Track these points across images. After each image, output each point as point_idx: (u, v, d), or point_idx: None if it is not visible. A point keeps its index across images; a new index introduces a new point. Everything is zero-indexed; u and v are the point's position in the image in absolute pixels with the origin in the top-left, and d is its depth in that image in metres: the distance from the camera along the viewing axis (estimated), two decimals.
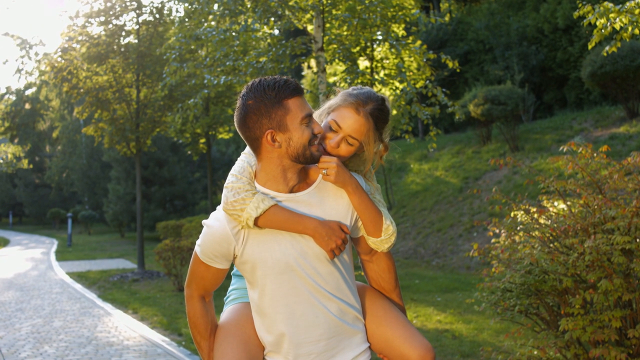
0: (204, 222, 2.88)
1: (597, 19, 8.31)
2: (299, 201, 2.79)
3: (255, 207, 2.68)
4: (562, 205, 5.22)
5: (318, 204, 2.81)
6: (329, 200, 2.82)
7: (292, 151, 2.70)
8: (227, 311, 3.10)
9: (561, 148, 5.25)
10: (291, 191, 2.80)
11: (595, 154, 4.96)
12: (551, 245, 4.93)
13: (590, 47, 8.56)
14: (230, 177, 2.83)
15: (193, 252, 2.93)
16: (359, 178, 2.89)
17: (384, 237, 2.86)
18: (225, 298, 3.22)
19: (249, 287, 2.92)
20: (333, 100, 3.05)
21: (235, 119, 2.78)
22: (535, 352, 5.00)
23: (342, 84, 13.87)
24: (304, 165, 2.80)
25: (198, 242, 2.88)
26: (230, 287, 3.20)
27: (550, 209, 5.24)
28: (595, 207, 4.61)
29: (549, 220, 5.05)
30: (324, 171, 2.76)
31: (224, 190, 2.81)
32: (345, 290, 2.85)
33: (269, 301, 2.83)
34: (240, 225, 2.76)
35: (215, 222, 2.82)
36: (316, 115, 3.06)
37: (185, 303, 3.06)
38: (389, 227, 2.85)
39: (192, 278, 2.98)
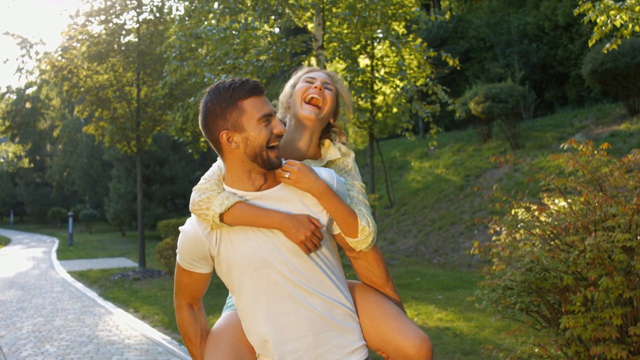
0: (180, 228, 2.91)
1: (597, 16, 8.30)
2: (267, 197, 2.78)
3: (219, 204, 2.70)
4: (562, 203, 5.22)
5: (287, 199, 2.79)
6: (299, 195, 2.80)
7: (250, 151, 2.70)
8: (221, 318, 3.11)
9: (562, 145, 5.24)
10: (259, 190, 2.79)
11: (595, 152, 4.95)
12: (552, 242, 4.93)
13: (590, 44, 8.56)
14: (200, 181, 2.87)
15: (176, 262, 2.96)
16: (328, 172, 2.84)
17: (360, 238, 2.83)
18: (224, 306, 3.24)
19: (231, 293, 2.93)
20: (293, 77, 3.20)
21: (199, 123, 2.81)
22: (536, 350, 5.00)
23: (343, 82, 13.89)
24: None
25: (177, 249, 2.91)
26: (229, 295, 3.21)
27: (551, 206, 5.24)
28: (596, 204, 4.61)
29: (550, 218, 5.05)
30: (286, 175, 2.74)
31: (192, 193, 2.84)
32: (329, 286, 2.81)
33: (248, 300, 2.82)
34: (210, 225, 2.77)
35: (188, 226, 2.86)
36: (285, 97, 3.16)
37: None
38: (364, 228, 2.81)
39: (177, 287, 3.02)
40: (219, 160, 2.89)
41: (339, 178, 2.86)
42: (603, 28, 8.32)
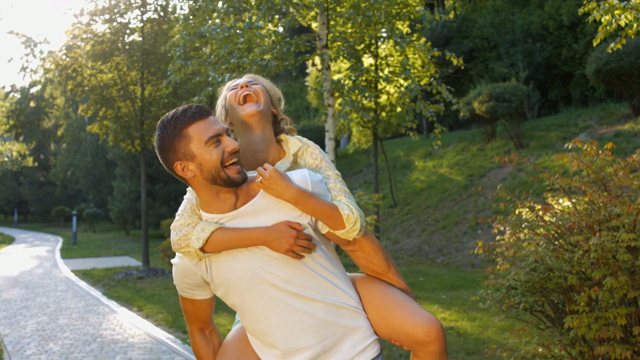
0: (171, 260, 2.92)
1: (602, 15, 8.29)
2: (245, 214, 2.75)
3: (196, 238, 2.70)
4: (567, 203, 5.21)
5: (265, 209, 2.76)
6: (276, 203, 2.76)
7: (207, 175, 2.68)
8: (230, 332, 3.13)
9: (566, 145, 5.23)
10: (235, 208, 2.77)
11: (600, 151, 4.95)
12: (556, 242, 4.92)
13: (595, 44, 8.55)
14: (175, 218, 2.87)
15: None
16: (301, 175, 2.79)
17: (348, 227, 2.78)
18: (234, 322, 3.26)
19: (237, 312, 2.95)
20: (221, 98, 3.20)
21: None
22: (540, 350, 4.99)
23: (346, 81, 13.88)
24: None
25: (174, 281, 2.94)
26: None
27: (555, 206, 5.23)
28: (600, 204, 4.60)
29: (554, 218, 5.04)
30: (258, 179, 2.71)
31: (171, 233, 2.85)
32: (328, 289, 2.79)
33: (252, 318, 2.83)
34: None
35: (177, 260, 2.87)
36: (222, 116, 3.15)
37: None
38: (349, 217, 2.77)
39: (185, 315, 3.05)
40: (188, 193, 2.90)
41: (314, 177, 2.81)
42: (607, 27, 8.32)
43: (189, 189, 2.89)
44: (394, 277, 2.99)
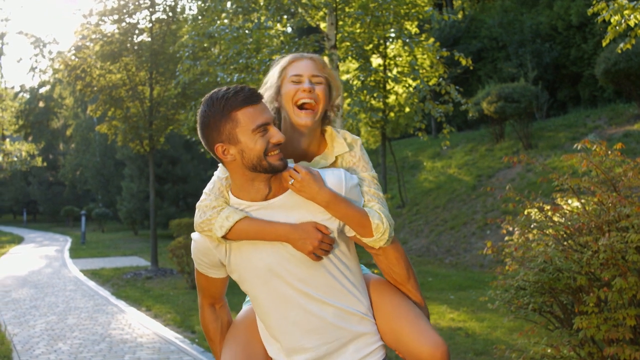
0: (192, 235, 2.89)
1: (611, 15, 8.27)
2: (274, 207, 2.72)
3: (219, 226, 2.67)
4: (576, 203, 5.20)
5: (295, 206, 2.72)
6: (306, 202, 2.71)
7: (247, 162, 2.64)
8: (240, 312, 3.13)
9: (575, 146, 5.23)
10: (266, 198, 2.73)
11: (609, 152, 4.94)
12: (565, 243, 4.91)
13: (604, 44, 8.53)
14: (202, 196, 2.82)
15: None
16: (336, 177, 2.73)
17: (376, 236, 2.74)
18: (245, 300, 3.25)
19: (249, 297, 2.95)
20: (275, 70, 2.98)
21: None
22: (549, 351, 4.98)
23: (355, 82, 13.87)
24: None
25: (192, 254, 2.91)
26: None
27: (564, 206, 5.22)
28: (610, 204, 4.59)
29: (563, 218, 5.03)
30: (290, 181, 2.66)
31: (195, 212, 2.81)
32: (342, 293, 2.77)
33: (262, 310, 2.82)
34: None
35: (197, 236, 2.84)
36: (268, 90, 2.98)
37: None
38: (378, 226, 2.72)
39: (198, 288, 3.05)
40: (219, 170, 2.85)
41: (350, 181, 2.75)
42: (617, 27, 8.30)
43: (220, 166, 2.83)
44: (412, 288, 2.95)
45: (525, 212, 5.35)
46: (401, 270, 2.91)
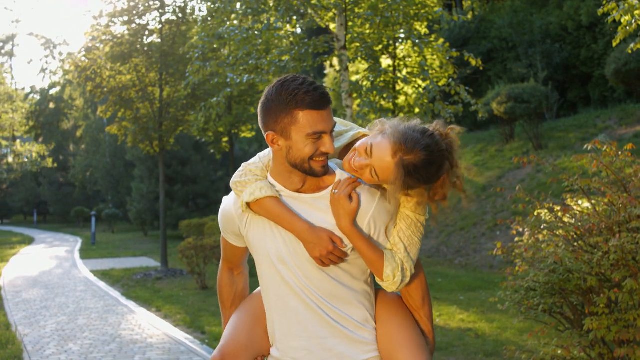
0: (224, 198, 2.96)
1: (621, 15, 8.25)
2: (302, 201, 2.75)
3: (250, 193, 2.72)
4: (586, 204, 5.19)
5: (323, 209, 2.74)
6: None
7: (290, 159, 2.66)
8: (257, 290, 3.14)
9: (585, 146, 5.22)
10: (297, 191, 2.77)
11: (619, 152, 4.93)
12: (575, 244, 4.90)
13: (614, 44, 8.51)
14: (252, 159, 2.88)
15: None
16: (368, 201, 2.69)
17: (385, 283, 2.74)
18: None
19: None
20: (388, 125, 2.72)
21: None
22: (560, 352, 4.98)
23: (364, 82, 13.86)
24: None
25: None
26: None
27: (575, 207, 5.21)
28: (620, 205, 4.58)
29: (573, 219, 5.03)
30: (334, 191, 2.67)
31: (238, 169, 2.87)
32: (342, 299, 2.76)
33: (265, 288, 2.86)
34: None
35: (226, 200, 2.92)
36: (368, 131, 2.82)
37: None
38: (388, 277, 2.70)
39: (221, 250, 3.11)
40: (268, 151, 2.89)
41: (379, 208, 2.72)
42: (627, 28, 8.28)
43: (269, 149, 2.86)
44: (424, 316, 2.93)
45: (536, 213, 5.34)
46: (417, 296, 2.90)
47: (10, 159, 42.12)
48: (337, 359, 2.77)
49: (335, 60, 14.18)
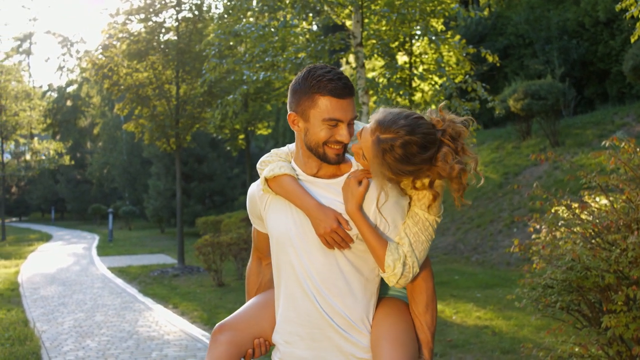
0: (252, 184, 3.06)
1: (639, 11, 8.20)
2: (316, 185, 2.83)
3: (270, 169, 2.82)
4: (604, 201, 5.17)
5: (333, 194, 2.80)
6: None
7: (307, 141, 2.77)
8: None
9: (603, 143, 5.20)
10: (314, 175, 2.84)
11: (638, 149, 4.90)
12: (593, 241, 4.88)
13: (632, 40, 8.45)
14: (282, 147, 3.03)
15: None
16: (375, 191, 2.73)
17: (386, 274, 2.72)
18: None
19: None
20: (379, 110, 2.78)
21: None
22: (577, 349, 4.96)
23: (380, 79, 13.85)
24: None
25: None
26: None
27: (592, 204, 5.19)
28: (638, 202, 4.56)
29: (591, 216, 5.01)
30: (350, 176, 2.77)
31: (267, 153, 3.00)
32: (342, 291, 2.76)
33: (276, 272, 2.92)
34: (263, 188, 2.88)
35: (253, 185, 3.01)
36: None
37: None
38: (389, 267, 2.69)
39: (252, 239, 3.19)
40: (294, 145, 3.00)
41: (390, 200, 2.75)
42: None
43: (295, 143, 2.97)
44: (424, 324, 2.87)
45: (553, 210, 5.33)
46: (421, 302, 2.86)
47: (28, 157, 42.37)
48: (331, 352, 2.78)
49: (351, 57, 14.19)
